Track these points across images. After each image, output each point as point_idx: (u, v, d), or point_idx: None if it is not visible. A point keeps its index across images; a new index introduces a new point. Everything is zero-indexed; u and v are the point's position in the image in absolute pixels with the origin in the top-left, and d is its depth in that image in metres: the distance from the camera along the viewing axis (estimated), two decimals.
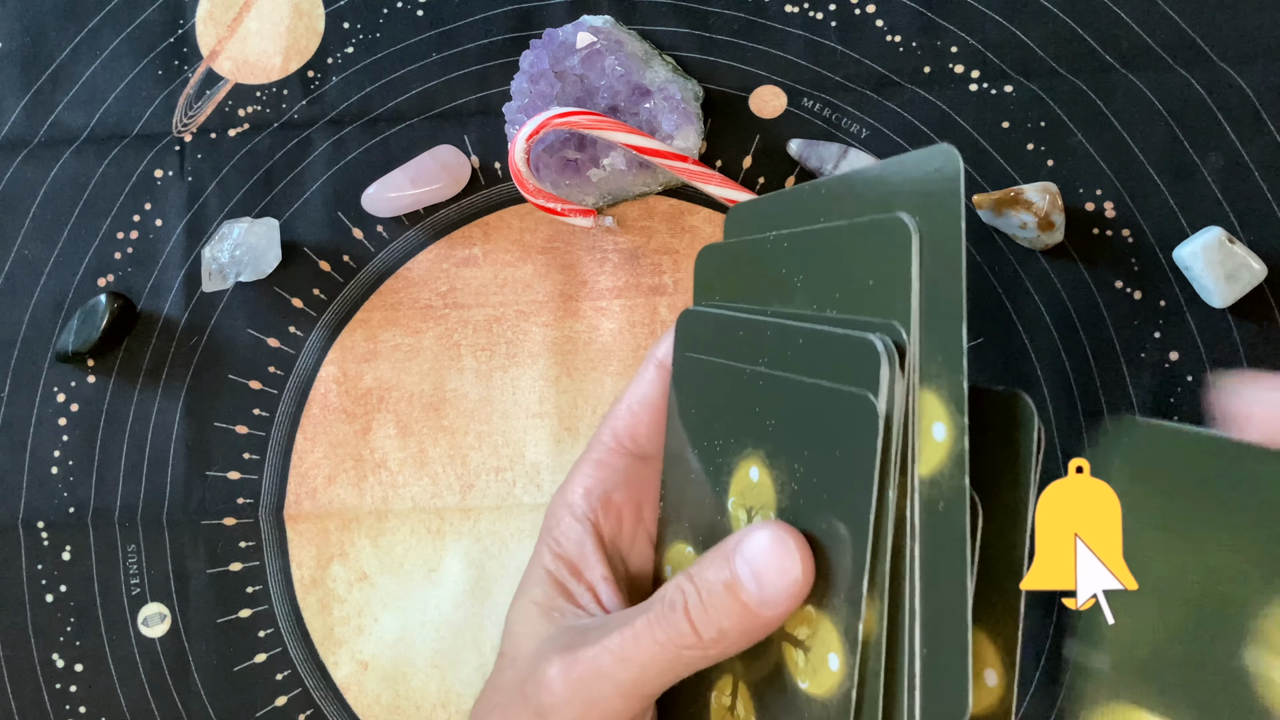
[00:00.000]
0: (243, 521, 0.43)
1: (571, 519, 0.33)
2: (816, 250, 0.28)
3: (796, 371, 0.28)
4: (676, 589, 0.28)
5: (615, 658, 0.28)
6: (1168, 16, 0.42)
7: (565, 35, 0.42)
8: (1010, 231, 0.41)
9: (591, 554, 0.32)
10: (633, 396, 0.34)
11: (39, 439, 0.44)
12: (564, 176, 0.42)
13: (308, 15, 0.45)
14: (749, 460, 0.30)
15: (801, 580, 0.26)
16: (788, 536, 0.26)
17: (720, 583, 0.27)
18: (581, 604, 0.32)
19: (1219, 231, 0.39)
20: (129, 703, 0.43)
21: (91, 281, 0.45)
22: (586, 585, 0.32)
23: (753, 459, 0.29)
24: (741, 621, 0.26)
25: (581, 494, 0.33)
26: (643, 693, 0.28)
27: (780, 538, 0.26)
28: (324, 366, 0.44)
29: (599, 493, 0.33)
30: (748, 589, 0.26)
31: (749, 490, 0.30)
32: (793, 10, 0.43)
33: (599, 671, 0.28)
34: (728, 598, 0.26)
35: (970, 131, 0.42)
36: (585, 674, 0.28)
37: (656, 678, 0.27)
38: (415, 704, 0.43)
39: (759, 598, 0.26)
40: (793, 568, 0.26)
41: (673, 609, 0.27)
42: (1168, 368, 0.41)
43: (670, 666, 0.27)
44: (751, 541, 0.26)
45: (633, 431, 0.34)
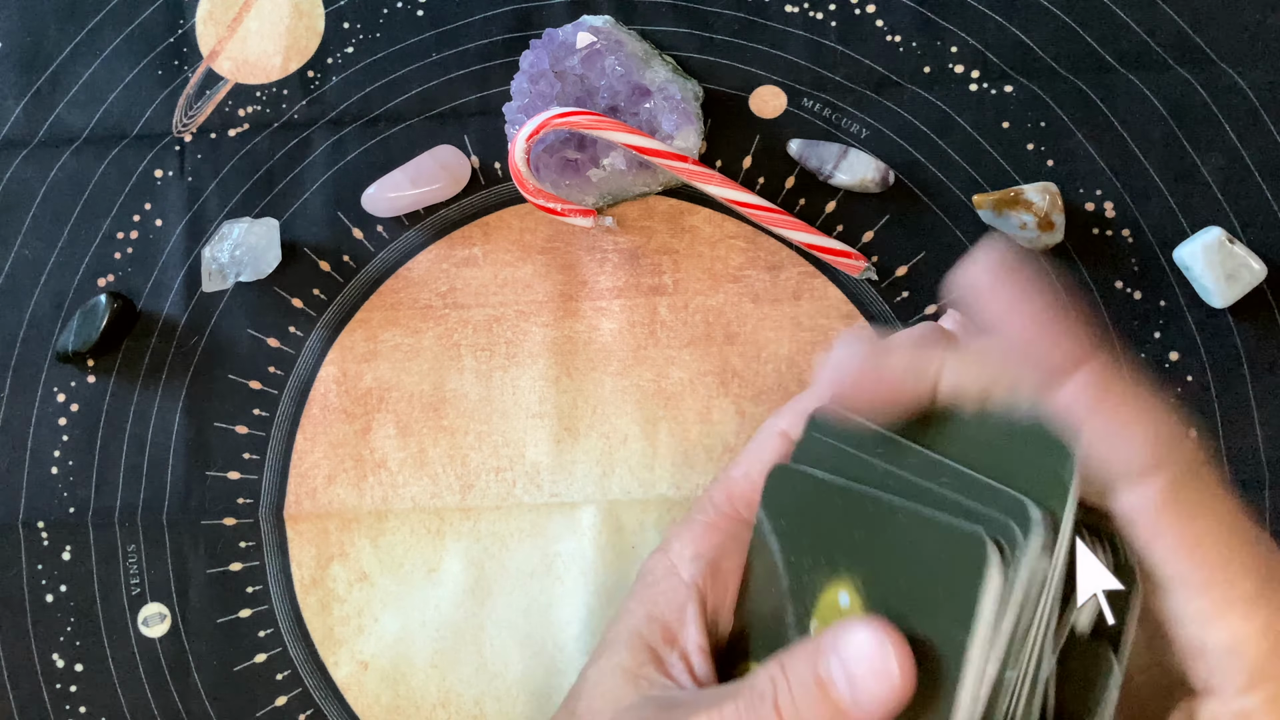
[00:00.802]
0: (243, 521, 0.43)
1: (675, 581, 0.31)
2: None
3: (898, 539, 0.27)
4: (768, 679, 0.26)
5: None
6: (1168, 16, 0.42)
7: (565, 35, 0.42)
8: (1010, 231, 0.41)
9: (692, 621, 0.31)
10: (750, 462, 0.32)
11: (39, 439, 0.44)
12: (564, 176, 0.42)
13: (308, 15, 0.45)
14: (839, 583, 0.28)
15: (899, 686, 0.24)
16: (887, 639, 0.24)
17: (811, 678, 0.25)
18: (673, 674, 0.30)
19: (1219, 231, 0.39)
20: (129, 703, 0.43)
21: (91, 281, 0.45)
22: (680, 654, 0.30)
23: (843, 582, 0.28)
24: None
25: (690, 556, 0.31)
26: None
27: (880, 639, 0.24)
28: (324, 366, 0.44)
29: (709, 557, 0.31)
30: (839, 689, 0.25)
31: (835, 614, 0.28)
32: (793, 10, 0.43)
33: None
34: (818, 695, 0.25)
35: (970, 131, 0.42)
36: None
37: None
38: (415, 704, 0.43)
39: (850, 700, 0.25)
40: (890, 672, 0.24)
41: (762, 700, 0.26)
42: (1168, 368, 0.41)
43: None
44: (848, 640, 0.25)
45: (748, 498, 0.32)
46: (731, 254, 0.43)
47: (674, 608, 0.31)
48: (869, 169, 0.42)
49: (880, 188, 0.42)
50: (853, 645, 0.25)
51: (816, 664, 0.25)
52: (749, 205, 0.41)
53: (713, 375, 0.42)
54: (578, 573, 0.42)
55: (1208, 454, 0.24)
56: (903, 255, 0.42)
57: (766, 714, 0.26)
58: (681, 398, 0.43)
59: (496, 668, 0.42)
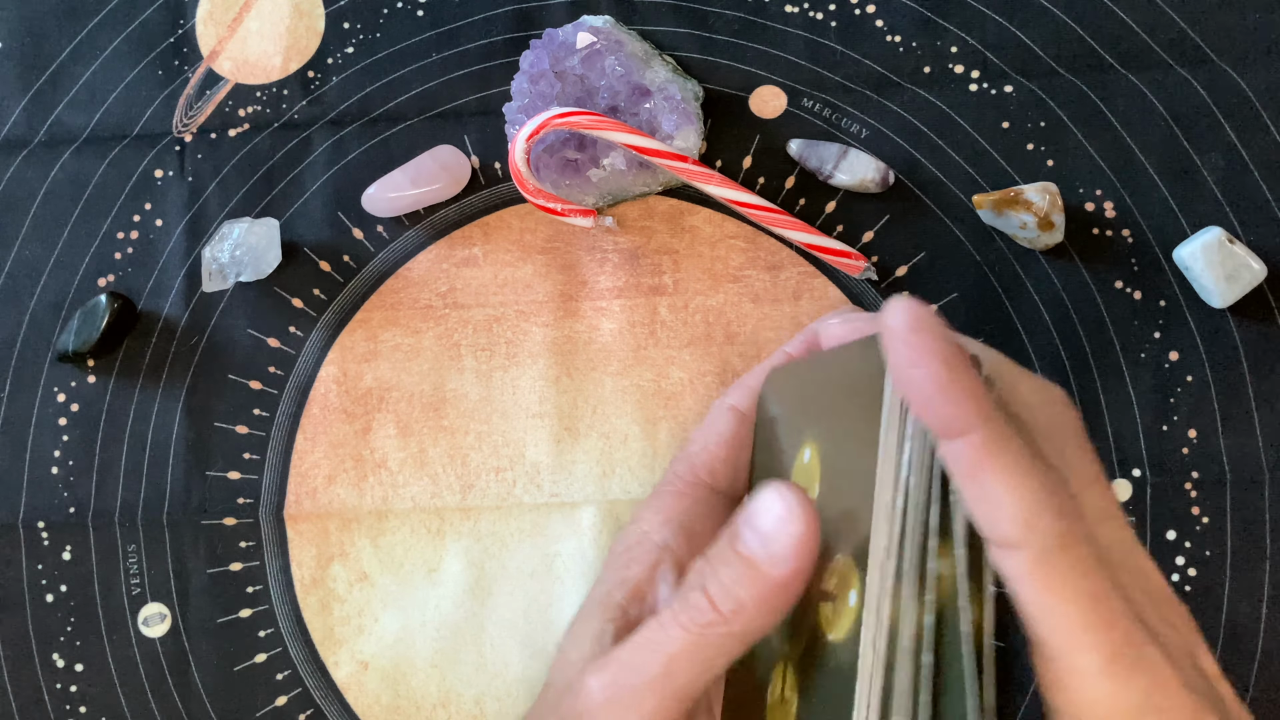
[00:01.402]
0: (243, 521, 0.43)
1: (648, 545, 0.32)
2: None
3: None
4: (695, 572, 0.27)
5: (643, 650, 0.27)
6: (1168, 16, 0.42)
7: (565, 35, 0.42)
8: (1010, 231, 0.41)
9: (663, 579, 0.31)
10: (706, 435, 0.34)
11: (39, 439, 0.44)
12: (564, 176, 0.42)
13: (308, 15, 0.45)
14: (805, 444, 0.30)
15: (804, 533, 0.26)
16: (787, 492, 0.26)
17: (731, 552, 0.27)
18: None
19: (1219, 231, 0.39)
20: (129, 703, 0.43)
21: (91, 281, 0.45)
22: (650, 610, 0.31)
23: (807, 441, 0.30)
24: (755, 587, 0.26)
25: (659, 522, 0.32)
26: (676, 687, 0.27)
27: (780, 495, 0.26)
28: (324, 366, 0.44)
29: (680, 521, 0.32)
30: (755, 551, 0.26)
31: (802, 472, 0.30)
32: (793, 10, 0.43)
33: (628, 667, 0.27)
34: (740, 565, 0.26)
35: (970, 131, 0.42)
36: (615, 673, 0.27)
37: (687, 668, 0.27)
38: (415, 704, 0.43)
39: (766, 557, 0.26)
40: (793, 521, 0.26)
41: (692, 590, 0.27)
42: (1168, 368, 0.41)
43: (699, 652, 0.27)
44: (754, 506, 0.27)
45: (710, 467, 0.33)
46: (731, 254, 0.43)
47: (645, 569, 0.32)
48: (869, 169, 0.42)
49: (880, 188, 0.42)
50: (758, 509, 0.26)
51: (734, 538, 0.27)
52: (749, 205, 0.41)
53: (713, 375, 0.42)
54: (578, 573, 0.42)
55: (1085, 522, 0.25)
56: (903, 255, 0.42)
57: (698, 601, 0.27)
58: (681, 398, 0.43)
59: (496, 667, 0.42)
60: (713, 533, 0.32)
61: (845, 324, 0.34)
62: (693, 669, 0.27)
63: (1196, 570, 0.40)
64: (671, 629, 0.27)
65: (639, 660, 0.27)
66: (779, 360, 0.35)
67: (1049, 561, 0.23)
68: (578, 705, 0.28)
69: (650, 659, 0.27)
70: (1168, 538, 0.40)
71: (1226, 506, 0.40)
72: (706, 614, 0.26)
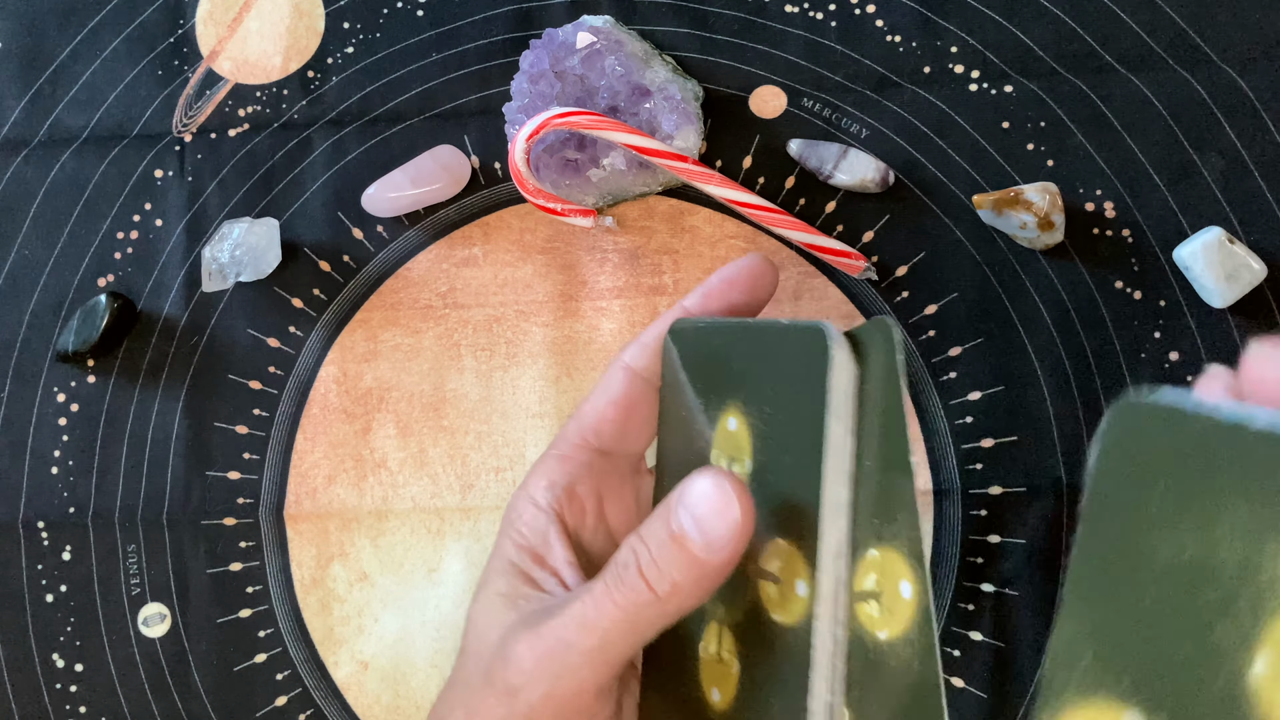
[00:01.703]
0: (243, 521, 0.43)
1: (535, 510, 0.33)
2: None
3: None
4: (629, 549, 0.28)
5: (578, 625, 0.28)
6: (1168, 16, 0.42)
7: (565, 35, 0.42)
8: (1010, 231, 0.41)
9: (555, 541, 0.33)
10: (598, 397, 0.35)
11: (39, 439, 0.44)
12: (564, 176, 0.42)
13: (308, 15, 0.45)
14: (727, 411, 0.30)
15: (740, 522, 0.26)
16: (725, 480, 0.26)
17: (666, 535, 0.27)
18: (546, 589, 0.32)
19: (1219, 231, 0.39)
20: (129, 703, 0.43)
21: (91, 281, 0.45)
22: (551, 571, 0.32)
23: (730, 409, 0.30)
24: (691, 571, 0.27)
25: (545, 486, 0.34)
26: (609, 658, 0.28)
27: (718, 483, 0.26)
28: (324, 366, 0.44)
29: (563, 484, 0.34)
30: (691, 537, 0.27)
31: (727, 440, 0.30)
32: (793, 10, 0.43)
33: (564, 641, 0.28)
34: (674, 549, 0.27)
35: (970, 131, 0.42)
36: (551, 646, 0.28)
37: (620, 640, 0.28)
38: (415, 704, 0.43)
39: (702, 544, 0.26)
40: (730, 510, 0.26)
41: (626, 568, 0.28)
42: (1168, 368, 0.41)
43: (632, 628, 0.28)
44: (691, 490, 0.27)
45: (597, 428, 0.34)
46: (731, 254, 0.43)
47: (538, 533, 0.33)
48: (869, 169, 0.42)
49: (880, 188, 0.42)
50: (695, 493, 0.27)
51: (669, 521, 0.27)
52: (749, 205, 0.41)
53: None
54: None
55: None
56: (903, 255, 0.42)
57: (632, 580, 0.27)
58: None
59: None
60: (594, 493, 0.34)
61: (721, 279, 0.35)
62: (625, 641, 0.28)
63: None
64: (605, 605, 0.28)
65: (573, 635, 0.28)
66: (675, 315, 0.35)
67: None
68: (509, 676, 0.29)
69: (584, 634, 0.28)
70: None
71: None
72: (643, 594, 0.27)
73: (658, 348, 0.34)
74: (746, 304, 0.34)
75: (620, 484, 0.35)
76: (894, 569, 0.27)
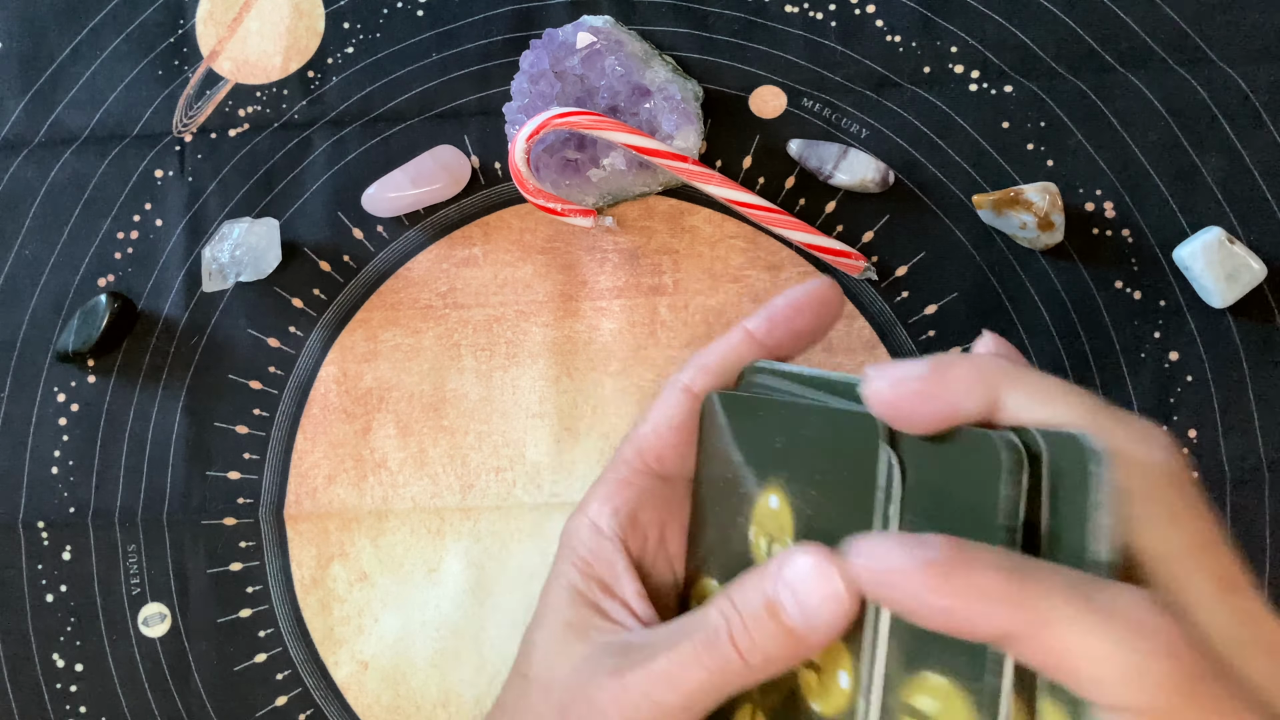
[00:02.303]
0: (243, 521, 0.43)
1: (599, 537, 0.33)
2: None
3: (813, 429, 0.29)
4: (719, 614, 0.27)
5: (665, 684, 0.28)
6: (1168, 16, 0.42)
7: (565, 35, 0.42)
8: (1010, 231, 0.41)
9: (624, 571, 0.32)
10: (657, 418, 0.34)
11: (39, 439, 0.44)
12: (564, 176, 0.42)
13: (308, 15, 0.45)
14: (769, 489, 0.30)
15: (847, 605, 0.25)
16: (828, 562, 0.26)
17: (763, 609, 0.26)
18: (617, 619, 0.31)
19: (1219, 231, 0.39)
20: (129, 703, 0.43)
21: (91, 281, 0.45)
22: (620, 602, 0.32)
23: (772, 487, 0.30)
24: (789, 648, 0.26)
25: (609, 512, 0.33)
26: (691, 714, 0.28)
27: (821, 563, 0.26)
28: (324, 366, 0.44)
29: (626, 511, 0.33)
30: (791, 614, 0.26)
31: (768, 518, 0.30)
32: (793, 10, 0.43)
33: (650, 698, 0.28)
34: (772, 625, 0.26)
35: (970, 131, 0.42)
36: (636, 701, 0.28)
37: (702, 700, 0.27)
38: (415, 704, 0.43)
39: (804, 623, 0.26)
40: (837, 594, 0.25)
41: (718, 635, 0.27)
42: (1168, 368, 0.41)
43: (718, 691, 0.27)
44: (793, 566, 0.26)
45: (658, 452, 0.33)
46: (731, 254, 0.43)
47: (604, 562, 0.32)
48: (869, 169, 0.42)
49: (880, 188, 0.42)
50: (798, 571, 0.26)
51: (765, 592, 0.27)
52: (749, 205, 0.41)
53: None
54: None
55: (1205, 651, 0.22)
56: (903, 255, 0.42)
57: (724, 648, 0.27)
58: None
59: (496, 668, 0.42)
60: (657, 520, 0.33)
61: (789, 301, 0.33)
62: (706, 701, 0.28)
63: None
64: (693, 668, 0.27)
65: (659, 693, 0.28)
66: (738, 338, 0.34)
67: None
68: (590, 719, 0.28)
69: (670, 694, 0.28)
70: None
71: (1226, 506, 0.40)
72: (734, 663, 0.27)
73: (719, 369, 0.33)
74: (811, 330, 0.33)
75: (681, 509, 0.34)
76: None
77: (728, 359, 0.33)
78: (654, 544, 0.33)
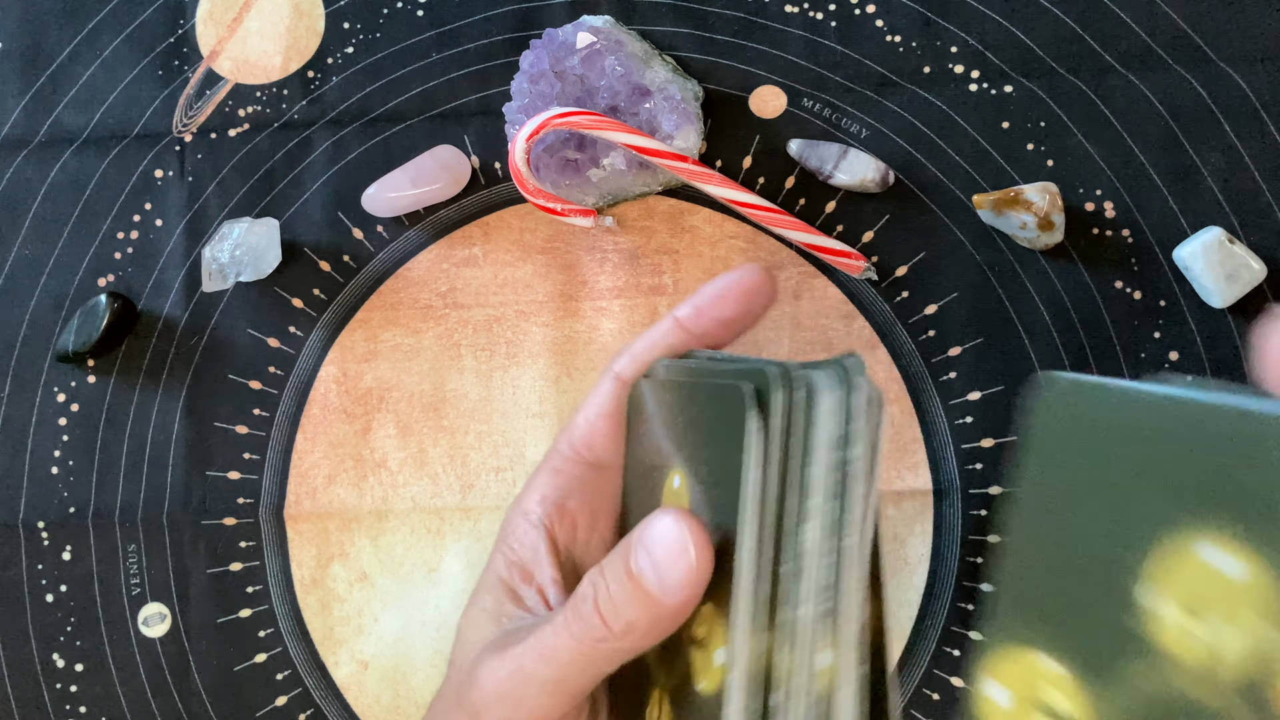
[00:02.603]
0: (243, 521, 0.43)
1: (526, 525, 0.33)
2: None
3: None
4: (588, 583, 0.28)
5: (536, 655, 0.28)
6: (1168, 16, 0.42)
7: (565, 35, 0.42)
8: (1010, 231, 0.41)
9: (544, 558, 0.32)
10: (590, 408, 0.34)
11: (39, 439, 0.44)
12: (564, 176, 0.42)
13: (308, 15, 0.45)
14: (674, 469, 0.30)
15: (696, 567, 0.26)
16: (684, 523, 0.26)
17: (624, 574, 0.27)
18: (529, 606, 0.32)
19: (1219, 231, 0.39)
20: (129, 703, 0.43)
21: (91, 281, 0.45)
22: (537, 589, 0.32)
23: (675, 467, 0.30)
24: (647, 611, 0.27)
25: (537, 500, 0.34)
26: (566, 690, 0.28)
27: (677, 525, 0.26)
28: (324, 366, 0.44)
29: (554, 499, 0.33)
30: (648, 578, 0.26)
31: (671, 498, 0.30)
32: (793, 10, 0.43)
33: (522, 669, 0.28)
34: (631, 588, 0.27)
35: (970, 131, 0.42)
36: (510, 672, 0.28)
37: (579, 674, 0.28)
38: (415, 704, 0.43)
39: (658, 585, 0.26)
40: (686, 554, 0.26)
41: (584, 602, 0.28)
42: (1168, 368, 0.41)
43: (589, 661, 0.28)
44: (650, 531, 0.27)
45: (589, 441, 0.34)
46: (731, 254, 0.43)
47: (527, 549, 0.33)
48: (869, 169, 0.42)
49: (880, 188, 0.42)
50: (654, 534, 0.27)
51: (627, 559, 0.27)
52: (749, 205, 0.41)
53: None
54: None
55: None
56: (903, 255, 0.42)
57: (588, 615, 0.27)
58: None
59: None
60: (588, 507, 0.34)
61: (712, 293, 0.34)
62: (582, 675, 0.28)
63: None
64: (563, 638, 0.28)
65: (530, 663, 0.28)
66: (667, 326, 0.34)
67: None
68: (472, 695, 0.29)
69: (541, 664, 0.28)
70: None
71: None
72: (598, 630, 0.27)
73: (649, 358, 0.34)
74: (738, 317, 0.33)
75: (614, 498, 0.34)
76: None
77: (657, 347, 0.33)
78: (585, 531, 0.34)
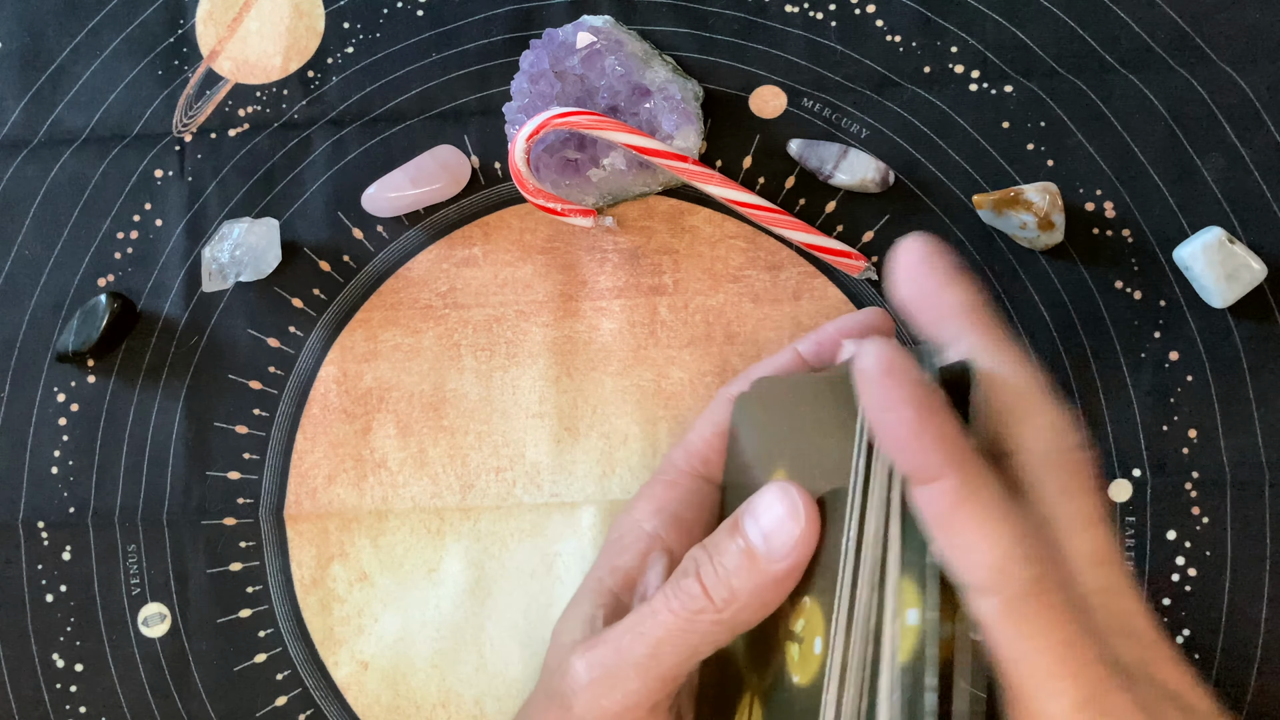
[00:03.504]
0: (243, 521, 0.43)
1: (639, 534, 0.33)
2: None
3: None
4: (690, 558, 0.28)
5: (631, 633, 0.28)
6: (1168, 16, 0.42)
7: (565, 35, 0.42)
8: (1010, 231, 0.41)
9: (654, 565, 0.32)
10: (705, 424, 0.35)
11: (39, 439, 0.44)
12: (564, 176, 0.42)
13: (308, 15, 0.45)
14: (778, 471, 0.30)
15: (805, 529, 0.26)
16: (792, 489, 0.27)
17: (729, 542, 0.27)
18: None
19: (1219, 231, 0.39)
20: (129, 703, 0.43)
21: (91, 281, 0.45)
22: (641, 597, 0.32)
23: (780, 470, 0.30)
24: (751, 578, 0.27)
25: (651, 511, 0.33)
26: (660, 670, 0.27)
27: (785, 491, 0.27)
28: (324, 366, 0.44)
29: (669, 511, 0.33)
30: (755, 543, 0.27)
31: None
32: (793, 10, 0.43)
33: (616, 650, 0.28)
34: (737, 555, 0.27)
35: (970, 131, 0.42)
36: (602, 655, 0.28)
37: (672, 652, 0.27)
38: (415, 704, 0.43)
39: (766, 550, 0.26)
40: (796, 517, 0.26)
41: (685, 575, 0.27)
42: (1168, 368, 0.41)
43: (685, 638, 0.27)
44: (759, 500, 0.27)
45: (703, 455, 0.34)
46: (731, 254, 0.43)
47: (636, 557, 0.33)
48: (869, 169, 0.42)
49: (880, 188, 0.42)
50: (763, 502, 0.27)
51: (735, 530, 0.27)
52: (749, 205, 0.41)
53: (713, 375, 0.42)
54: (578, 573, 0.42)
55: (1063, 567, 0.24)
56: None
57: (690, 586, 0.27)
58: (681, 398, 0.43)
59: (496, 667, 0.42)
60: (703, 522, 0.33)
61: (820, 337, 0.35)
62: (678, 653, 0.27)
63: (1196, 570, 0.40)
64: (662, 614, 0.27)
65: (626, 643, 0.28)
66: (787, 357, 0.35)
67: (1019, 608, 0.23)
68: (564, 685, 0.28)
69: (637, 641, 0.27)
70: (1168, 538, 0.40)
71: (1226, 506, 0.40)
72: (699, 601, 0.27)
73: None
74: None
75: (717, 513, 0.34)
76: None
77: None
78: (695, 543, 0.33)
